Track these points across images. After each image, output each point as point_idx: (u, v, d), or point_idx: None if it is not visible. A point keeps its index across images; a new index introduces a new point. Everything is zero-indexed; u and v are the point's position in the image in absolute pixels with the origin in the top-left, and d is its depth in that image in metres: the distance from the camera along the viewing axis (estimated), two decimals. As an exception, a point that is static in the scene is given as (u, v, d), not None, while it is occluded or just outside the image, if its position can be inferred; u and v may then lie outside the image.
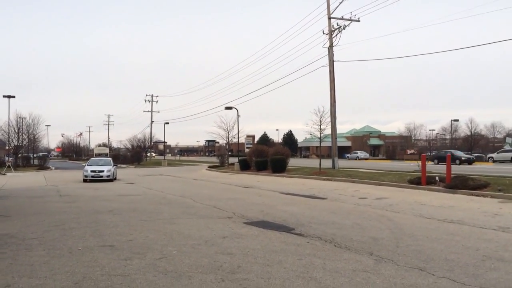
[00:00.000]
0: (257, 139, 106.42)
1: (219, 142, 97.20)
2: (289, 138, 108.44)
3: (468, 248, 6.94)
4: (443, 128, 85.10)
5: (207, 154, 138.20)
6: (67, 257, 6.53)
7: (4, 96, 48.29)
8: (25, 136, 54.78)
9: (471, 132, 72.17)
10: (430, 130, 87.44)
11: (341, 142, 69.68)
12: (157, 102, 75.41)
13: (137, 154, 64.14)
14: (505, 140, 57.59)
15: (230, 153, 52.51)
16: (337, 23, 28.82)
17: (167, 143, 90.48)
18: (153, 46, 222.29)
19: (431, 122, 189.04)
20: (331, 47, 29.01)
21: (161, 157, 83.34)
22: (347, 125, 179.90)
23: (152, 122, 75.00)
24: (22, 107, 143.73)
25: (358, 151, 76.72)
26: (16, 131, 52.04)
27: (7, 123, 50.38)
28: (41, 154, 64.69)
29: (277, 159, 29.99)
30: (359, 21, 28.50)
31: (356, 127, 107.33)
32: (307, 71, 55.65)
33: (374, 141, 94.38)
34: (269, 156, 31.43)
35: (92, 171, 26.02)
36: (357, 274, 5.51)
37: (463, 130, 77.63)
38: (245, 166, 35.31)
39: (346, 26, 28.55)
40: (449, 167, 17.15)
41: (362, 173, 25.06)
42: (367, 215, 10.57)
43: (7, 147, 54.24)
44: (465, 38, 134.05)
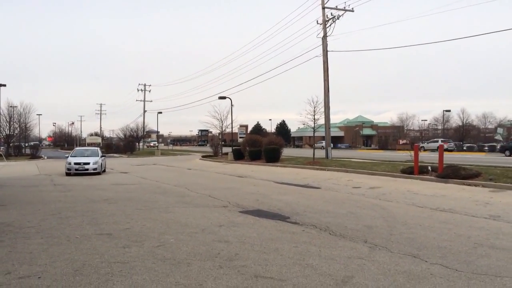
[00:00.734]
0: (250, 129, 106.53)
1: (212, 132, 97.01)
2: (282, 128, 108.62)
3: (460, 236, 7.09)
4: (435, 119, 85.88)
5: (199, 143, 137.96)
6: (66, 245, 6.59)
7: (-5, 85, 47.67)
8: (17, 125, 54.24)
9: (462, 123, 72.79)
10: (423, 120, 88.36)
11: (334, 132, 70.01)
12: (150, 91, 75.13)
13: (129, 144, 63.87)
14: (496, 130, 58.08)
15: (223, 142, 52.52)
16: (331, 13, 28.89)
17: (159, 132, 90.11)
18: (146, 35, 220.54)
19: (423, 112, 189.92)
20: (325, 37, 29.01)
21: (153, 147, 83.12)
22: (340, 115, 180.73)
23: (144, 111, 74.70)
24: (14, 96, 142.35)
25: (323, 141, 79.07)
26: (7, 120, 51.54)
27: (-2, 111, 49.89)
28: (32, 144, 64.13)
29: (271, 149, 30.08)
30: (353, 11, 28.58)
31: (349, 117, 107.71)
32: (301, 61, 55.71)
33: (366, 131, 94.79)
34: (262, 146, 31.51)
35: (76, 163, 22.69)
36: (352, 261, 5.63)
37: (455, 121, 78.31)
38: (238, 156, 35.36)
39: (340, 16, 28.61)
40: (441, 157, 17.36)
41: (355, 163, 25.24)
42: (361, 204, 10.72)
43: (-2, 136, 53.74)
44: (458, 29, 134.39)
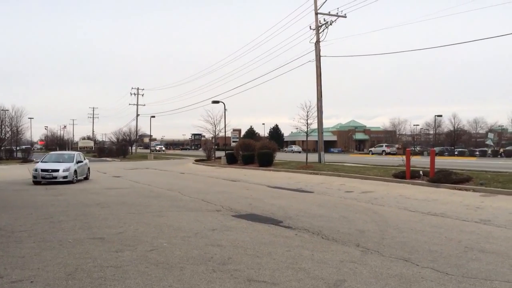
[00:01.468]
0: (243, 133, 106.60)
1: (205, 136, 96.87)
2: (275, 132, 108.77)
3: (451, 240, 7.17)
4: (427, 124, 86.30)
5: (193, 147, 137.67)
6: (58, 249, 6.56)
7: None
8: (8, 129, 53.89)
9: (454, 128, 73.31)
10: (415, 125, 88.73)
11: (327, 137, 70.25)
12: (143, 95, 75.32)
13: (122, 148, 63.64)
14: (487, 135, 58.67)
15: (217, 147, 52.47)
16: (324, 19, 29.07)
17: (152, 136, 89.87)
18: (139, 39, 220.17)
19: (415, 117, 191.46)
20: (318, 43, 29.18)
21: (147, 151, 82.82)
22: (332, 119, 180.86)
23: (137, 115, 74.60)
24: (5, 100, 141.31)
25: (293, 146, 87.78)
26: (-1, 123, 51.18)
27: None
28: (24, 147, 63.62)
29: (264, 153, 30.13)
30: (345, 17, 28.80)
31: (342, 121, 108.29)
32: (294, 66, 56.03)
33: (359, 135, 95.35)
34: (256, 150, 31.55)
35: (43, 170, 19.41)
36: (345, 264, 5.67)
37: (446, 126, 78.83)
38: (232, 160, 35.37)
39: (333, 22, 28.81)
40: (432, 161, 17.49)
41: (348, 167, 25.36)
42: (353, 208, 10.78)
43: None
44: (451, 35, 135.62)
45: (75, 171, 20.25)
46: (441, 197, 13.00)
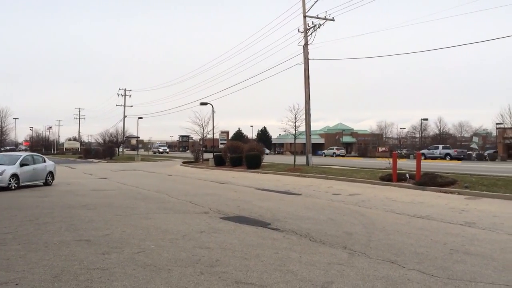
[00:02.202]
0: (231, 135, 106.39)
1: (193, 138, 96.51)
2: (263, 134, 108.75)
3: (436, 242, 7.26)
4: (413, 127, 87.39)
5: (180, 149, 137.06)
6: (44, 251, 6.49)
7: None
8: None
9: (439, 131, 74.37)
10: (401, 128, 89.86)
11: (315, 139, 70.47)
12: (130, 96, 74.21)
13: (109, 149, 63.05)
14: (472, 139, 59.55)
15: (205, 148, 52.32)
16: (312, 22, 29.21)
17: (140, 138, 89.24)
18: (126, 39, 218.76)
19: (402, 120, 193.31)
20: (306, 45, 29.33)
21: (134, 152, 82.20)
22: (320, 122, 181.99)
23: (124, 116, 73.80)
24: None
25: (266, 149, 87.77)
26: (-18, 123, 50.44)
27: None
28: (8, 148, 62.70)
29: (252, 155, 30.14)
30: (333, 20, 28.98)
31: (329, 124, 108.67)
32: (282, 69, 55.99)
33: (346, 138, 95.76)
34: (244, 152, 31.54)
35: None
36: (332, 266, 5.71)
37: (432, 129, 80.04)
38: (220, 162, 35.29)
39: (321, 25, 28.97)
40: (418, 164, 17.69)
41: (335, 170, 25.50)
42: (340, 211, 10.85)
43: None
44: (438, 39, 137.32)
45: (14, 175, 17.19)
46: (427, 199, 13.15)
